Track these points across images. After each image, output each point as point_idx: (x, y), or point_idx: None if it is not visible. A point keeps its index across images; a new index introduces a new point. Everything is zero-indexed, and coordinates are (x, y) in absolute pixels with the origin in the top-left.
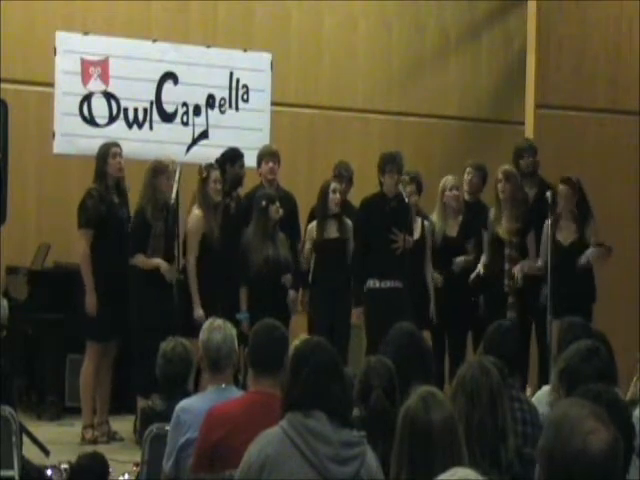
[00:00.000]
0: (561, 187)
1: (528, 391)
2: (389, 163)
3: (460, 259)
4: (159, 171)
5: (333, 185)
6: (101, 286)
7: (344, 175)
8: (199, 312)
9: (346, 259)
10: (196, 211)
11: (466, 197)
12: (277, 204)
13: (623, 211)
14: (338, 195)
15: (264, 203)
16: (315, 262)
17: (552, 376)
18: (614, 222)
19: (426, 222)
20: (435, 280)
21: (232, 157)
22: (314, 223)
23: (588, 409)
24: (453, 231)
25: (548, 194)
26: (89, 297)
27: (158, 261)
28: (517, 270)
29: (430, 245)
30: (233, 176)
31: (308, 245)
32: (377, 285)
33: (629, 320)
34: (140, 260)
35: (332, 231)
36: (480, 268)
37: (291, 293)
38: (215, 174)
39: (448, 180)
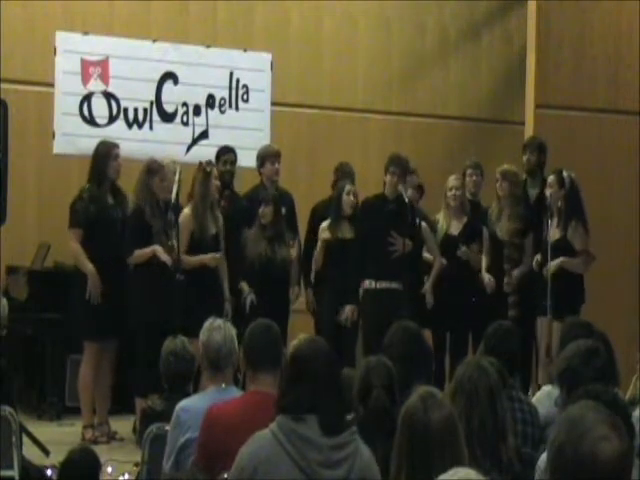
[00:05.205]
0: (550, 177)
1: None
2: (392, 164)
3: (465, 249)
4: (153, 171)
5: (348, 187)
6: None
7: (347, 173)
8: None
9: None
10: (186, 210)
11: (470, 197)
12: (269, 208)
13: (623, 211)
14: (352, 197)
15: (260, 204)
16: (326, 262)
17: (541, 373)
18: (614, 222)
19: (423, 223)
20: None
21: (217, 156)
22: (325, 224)
23: (606, 415)
24: (455, 230)
25: (546, 193)
26: (92, 281)
27: (153, 247)
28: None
29: (431, 244)
30: (219, 174)
31: (320, 245)
32: (373, 285)
33: (629, 320)
34: (136, 255)
35: (346, 232)
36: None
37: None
38: (215, 171)
39: (449, 180)
